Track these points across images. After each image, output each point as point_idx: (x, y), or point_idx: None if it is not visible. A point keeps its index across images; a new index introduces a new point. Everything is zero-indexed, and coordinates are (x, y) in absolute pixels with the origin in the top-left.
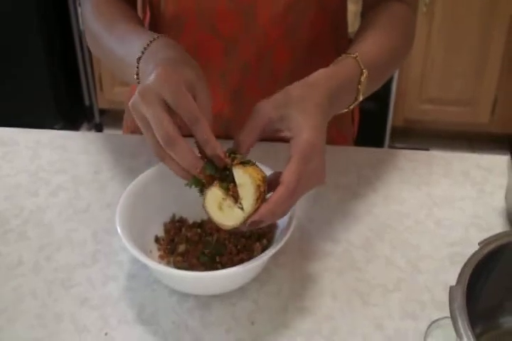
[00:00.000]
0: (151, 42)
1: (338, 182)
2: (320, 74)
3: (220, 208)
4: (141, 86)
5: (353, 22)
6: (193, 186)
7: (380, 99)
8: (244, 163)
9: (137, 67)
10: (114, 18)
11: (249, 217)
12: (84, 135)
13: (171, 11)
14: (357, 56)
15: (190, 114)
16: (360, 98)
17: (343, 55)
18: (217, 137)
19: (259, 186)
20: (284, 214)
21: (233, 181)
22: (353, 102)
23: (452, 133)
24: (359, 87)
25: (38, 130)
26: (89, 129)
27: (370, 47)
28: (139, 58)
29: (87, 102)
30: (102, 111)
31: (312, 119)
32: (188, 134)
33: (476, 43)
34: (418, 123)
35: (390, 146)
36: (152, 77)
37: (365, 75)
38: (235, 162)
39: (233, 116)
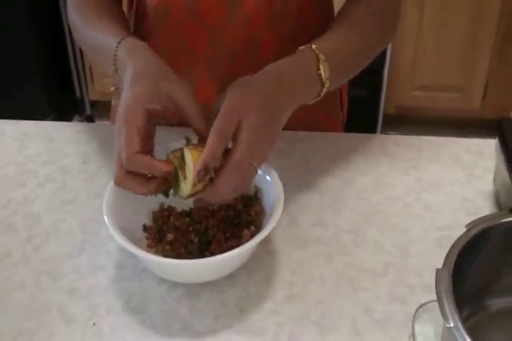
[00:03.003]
0: (117, 47)
1: (327, 168)
2: (269, 66)
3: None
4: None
5: None
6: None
7: (371, 86)
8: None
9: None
10: (89, 12)
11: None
12: (71, 125)
13: (155, 0)
14: (311, 45)
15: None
16: (327, 84)
17: (301, 47)
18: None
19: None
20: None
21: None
22: (321, 89)
23: (444, 119)
24: (319, 72)
25: (25, 121)
26: (81, 121)
27: (331, 36)
28: (114, 69)
29: (78, 94)
30: (94, 103)
31: (245, 88)
32: (176, 123)
33: (466, 30)
34: (410, 110)
35: (382, 133)
36: (122, 107)
37: (322, 59)
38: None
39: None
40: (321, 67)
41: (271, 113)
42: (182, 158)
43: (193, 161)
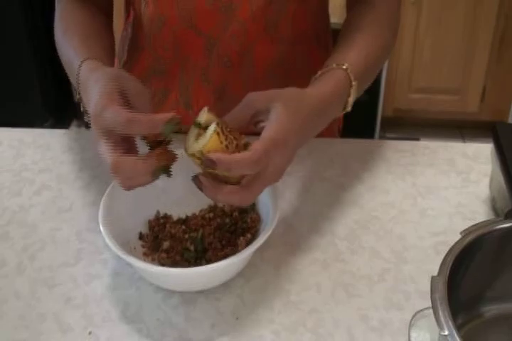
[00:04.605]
0: (78, 70)
1: (323, 174)
2: (314, 88)
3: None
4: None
5: (341, 14)
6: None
7: (369, 89)
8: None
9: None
10: (68, 28)
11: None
12: (67, 133)
13: (151, 8)
14: (347, 68)
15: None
16: (349, 108)
17: (334, 65)
18: None
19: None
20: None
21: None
22: (341, 113)
23: (442, 122)
24: (348, 99)
25: (21, 129)
26: (79, 126)
27: (358, 55)
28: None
29: (76, 98)
30: None
31: (293, 120)
32: None
33: (464, 32)
34: (408, 112)
35: (381, 136)
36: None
37: (354, 88)
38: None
39: (217, 114)
40: (351, 94)
41: (297, 150)
42: (204, 127)
43: (210, 140)
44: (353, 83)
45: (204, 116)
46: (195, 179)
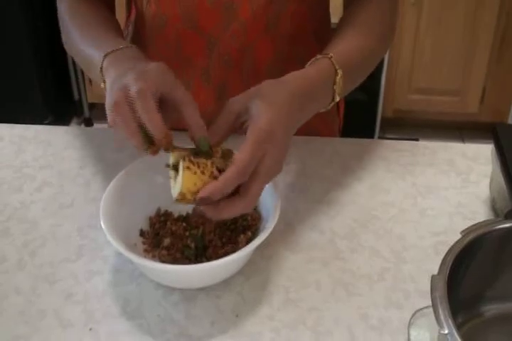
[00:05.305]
0: (116, 50)
1: (323, 173)
2: (292, 74)
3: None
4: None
5: (341, 14)
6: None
7: (369, 90)
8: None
9: (101, 70)
10: (87, 21)
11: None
12: (68, 130)
13: (153, 8)
14: (331, 56)
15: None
16: (337, 98)
17: (319, 55)
18: None
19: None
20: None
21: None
22: (330, 102)
23: (442, 123)
24: (334, 87)
25: (23, 125)
26: (79, 124)
27: (345, 47)
28: (103, 62)
29: (76, 96)
30: (92, 105)
31: (274, 110)
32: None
33: (464, 33)
34: (408, 113)
35: (380, 137)
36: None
37: (339, 75)
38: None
39: (218, 113)
40: (337, 82)
41: (290, 137)
42: (176, 167)
43: (184, 178)
44: (338, 71)
45: (172, 157)
46: (194, 212)
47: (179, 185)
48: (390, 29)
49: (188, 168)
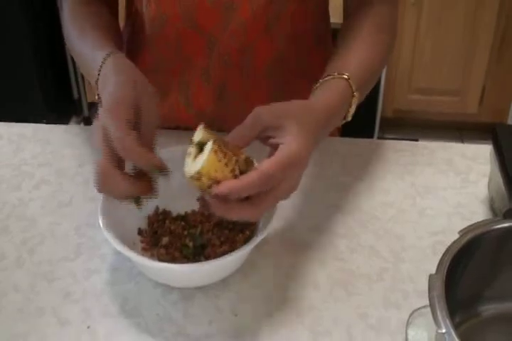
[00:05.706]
0: (103, 63)
1: (322, 173)
2: (319, 101)
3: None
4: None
5: (341, 14)
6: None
7: None
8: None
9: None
10: (85, 26)
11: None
12: (67, 128)
13: (153, 7)
14: (349, 78)
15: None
16: (349, 118)
17: (336, 74)
18: None
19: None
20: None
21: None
22: (341, 123)
23: (442, 123)
24: (349, 109)
25: (21, 124)
26: (78, 123)
27: (359, 64)
28: (97, 80)
29: (75, 95)
30: (91, 104)
31: (305, 136)
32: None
33: (464, 33)
34: (407, 113)
35: (380, 137)
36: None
37: (355, 98)
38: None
39: (217, 113)
40: (352, 104)
41: (309, 154)
42: (201, 146)
43: (209, 160)
44: (355, 93)
45: (200, 134)
46: (201, 200)
47: (199, 165)
48: (392, 36)
49: (215, 152)
